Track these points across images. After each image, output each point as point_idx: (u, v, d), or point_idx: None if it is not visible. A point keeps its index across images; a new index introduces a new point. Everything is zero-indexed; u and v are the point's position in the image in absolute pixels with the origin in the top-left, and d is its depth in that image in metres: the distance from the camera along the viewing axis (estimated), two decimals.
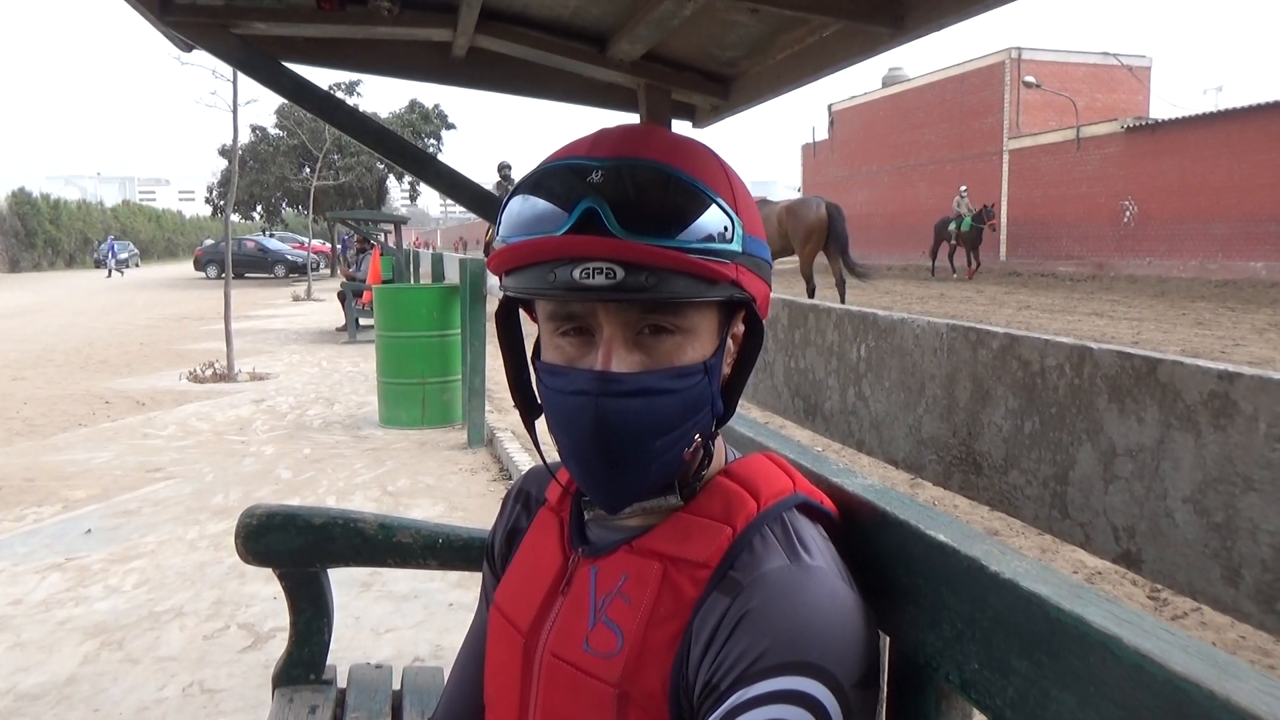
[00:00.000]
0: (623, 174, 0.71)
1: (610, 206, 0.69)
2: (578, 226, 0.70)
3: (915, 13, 1.36)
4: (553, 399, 0.77)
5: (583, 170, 0.72)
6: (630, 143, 0.74)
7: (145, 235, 58.13)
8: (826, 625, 0.71)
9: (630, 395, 0.73)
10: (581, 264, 0.69)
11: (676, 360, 0.75)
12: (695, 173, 0.73)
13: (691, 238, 0.71)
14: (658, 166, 0.71)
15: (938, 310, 13.99)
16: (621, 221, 0.69)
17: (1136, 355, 0.94)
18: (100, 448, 5.97)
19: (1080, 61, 28.41)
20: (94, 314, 17.43)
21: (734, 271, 0.74)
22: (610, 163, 0.71)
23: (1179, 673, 0.52)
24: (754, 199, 0.83)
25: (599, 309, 0.73)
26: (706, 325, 0.76)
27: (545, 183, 0.73)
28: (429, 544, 1.66)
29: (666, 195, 0.71)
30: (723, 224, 0.73)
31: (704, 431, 0.78)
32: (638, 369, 0.74)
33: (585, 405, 0.73)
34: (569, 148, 0.77)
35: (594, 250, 0.69)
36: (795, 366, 1.68)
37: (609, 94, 2.23)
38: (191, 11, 1.82)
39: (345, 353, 10.96)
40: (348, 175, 32.67)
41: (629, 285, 0.69)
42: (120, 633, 3.16)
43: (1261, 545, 0.80)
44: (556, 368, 0.77)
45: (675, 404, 0.74)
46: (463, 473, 5.29)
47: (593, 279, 0.69)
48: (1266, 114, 19.39)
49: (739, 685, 0.69)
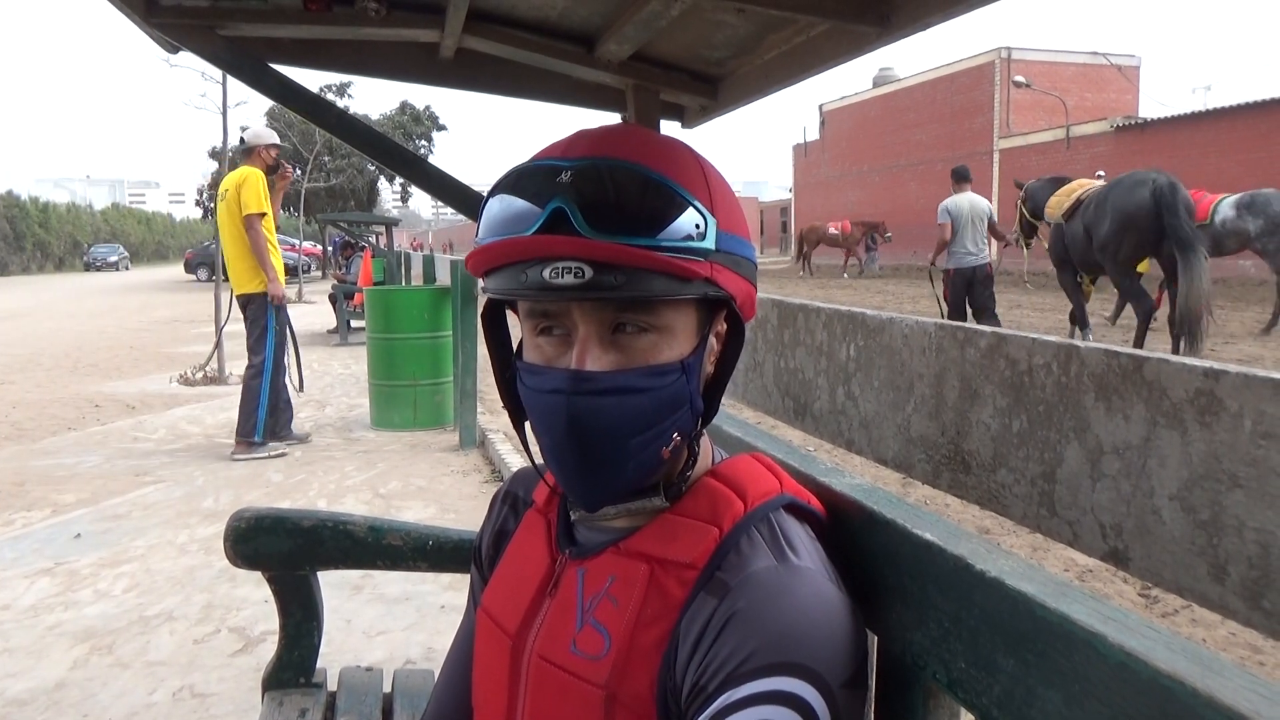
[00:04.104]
0: (592, 174, 0.71)
1: (578, 206, 0.70)
2: (547, 226, 0.70)
3: (902, 12, 1.36)
4: (531, 398, 0.77)
5: (554, 170, 0.72)
6: (605, 143, 0.74)
7: (135, 238, 57.92)
8: (813, 626, 0.71)
9: (603, 394, 0.73)
10: (551, 264, 0.70)
11: (652, 359, 0.75)
12: (667, 171, 0.73)
13: (662, 236, 0.71)
14: (627, 166, 0.71)
15: (929, 310, 14.02)
16: (590, 220, 0.69)
17: (1123, 353, 0.94)
18: (89, 451, 5.94)
19: (1070, 61, 28.56)
20: (83, 317, 17.36)
21: (708, 270, 0.74)
22: (581, 163, 0.72)
23: (1163, 670, 0.52)
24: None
25: (573, 308, 0.74)
26: (684, 324, 0.76)
27: (519, 184, 0.74)
28: (419, 546, 1.65)
29: (635, 194, 0.71)
30: (695, 222, 0.73)
31: (683, 431, 0.78)
32: (612, 368, 0.74)
33: (559, 404, 0.73)
34: (547, 149, 0.77)
35: (562, 250, 0.69)
36: (785, 366, 1.68)
37: (598, 94, 2.23)
38: (176, 13, 1.81)
39: (336, 355, 10.93)
40: (339, 177, 32.62)
41: (598, 284, 0.70)
42: (110, 637, 3.15)
43: (1247, 542, 0.80)
44: (535, 367, 0.77)
45: (651, 402, 0.74)
46: (454, 475, 5.28)
47: (562, 278, 0.70)
48: (1255, 113, 19.51)
49: (726, 686, 0.69)
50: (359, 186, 34.22)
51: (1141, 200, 7.58)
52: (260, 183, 5.70)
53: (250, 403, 5.68)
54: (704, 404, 0.81)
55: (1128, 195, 7.70)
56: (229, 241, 5.76)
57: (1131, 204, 7.66)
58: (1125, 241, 7.79)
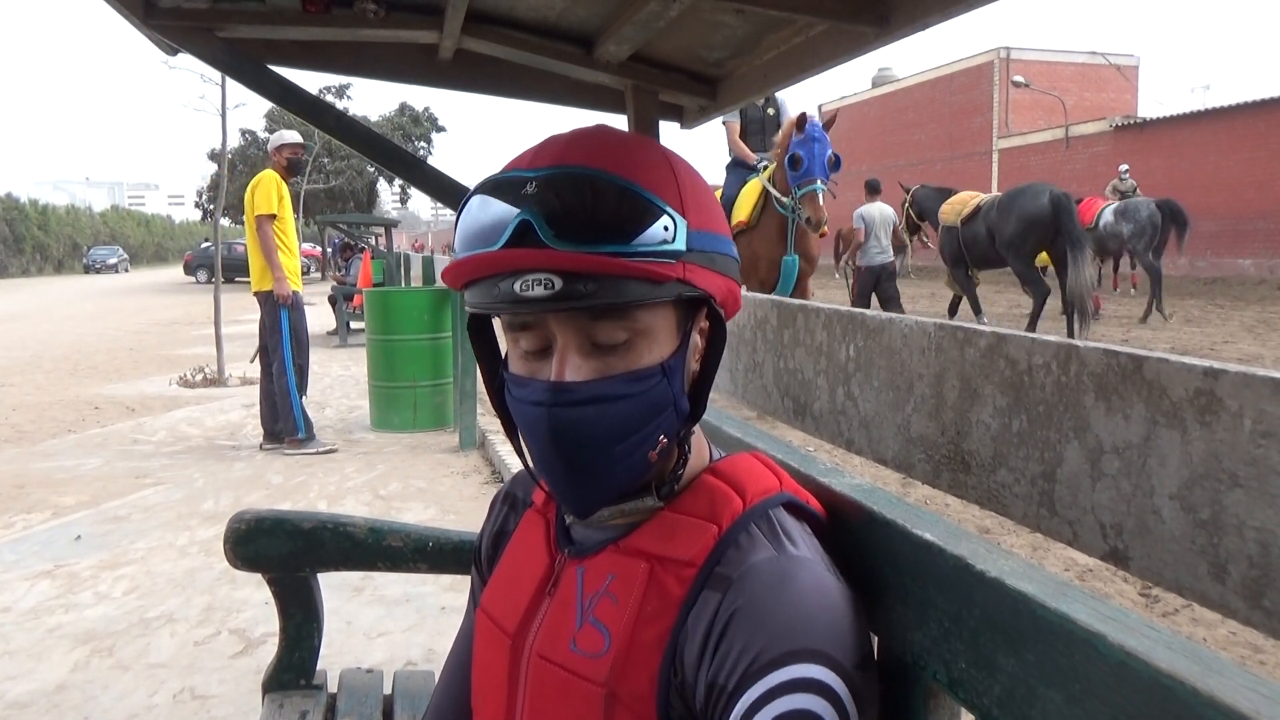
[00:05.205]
0: (556, 183, 0.71)
1: (543, 217, 0.70)
2: (514, 239, 0.70)
3: (900, 12, 1.36)
4: (516, 409, 0.78)
5: (520, 182, 0.72)
6: (571, 150, 0.74)
7: (135, 240, 57.94)
8: (818, 611, 0.72)
9: (583, 404, 0.73)
10: (521, 276, 0.70)
11: (633, 364, 0.74)
12: (634, 175, 0.72)
13: (629, 241, 0.71)
14: (590, 173, 0.71)
15: (929, 310, 14.03)
16: (555, 231, 0.69)
17: (1122, 353, 0.94)
18: (90, 454, 5.94)
19: (1068, 61, 28.57)
20: (83, 319, 17.36)
21: (680, 270, 0.73)
22: (545, 172, 0.71)
23: (1164, 669, 0.52)
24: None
25: (549, 318, 0.74)
26: (663, 325, 0.76)
27: (488, 196, 0.74)
28: (419, 548, 1.65)
29: (600, 201, 0.70)
30: (663, 224, 0.72)
31: (669, 433, 0.78)
32: (593, 375, 0.74)
33: (541, 416, 0.74)
34: (516, 158, 0.77)
35: (530, 262, 0.69)
36: (784, 366, 1.68)
37: (597, 95, 2.23)
38: (175, 15, 1.81)
39: (336, 356, 10.93)
40: (338, 179, 32.63)
41: (569, 294, 0.69)
42: (110, 639, 3.15)
43: (1248, 541, 0.80)
44: (519, 378, 0.77)
45: (633, 408, 0.74)
46: (454, 476, 5.28)
47: (532, 290, 0.69)
48: (1254, 112, 19.51)
49: (746, 684, 0.69)
50: (358, 188, 34.20)
51: (1042, 206, 9.45)
52: (274, 185, 5.80)
53: (283, 403, 5.83)
54: (690, 403, 0.80)
55: (1031, 202, 9.55)
56: (248, 242, 5.96)
57: (1034, 208, 9.51)
58: (1029, 239, 9.60)
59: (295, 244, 6.01)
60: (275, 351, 5.85)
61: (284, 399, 5.82)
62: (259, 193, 5.77)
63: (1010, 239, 9.65)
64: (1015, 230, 9.59)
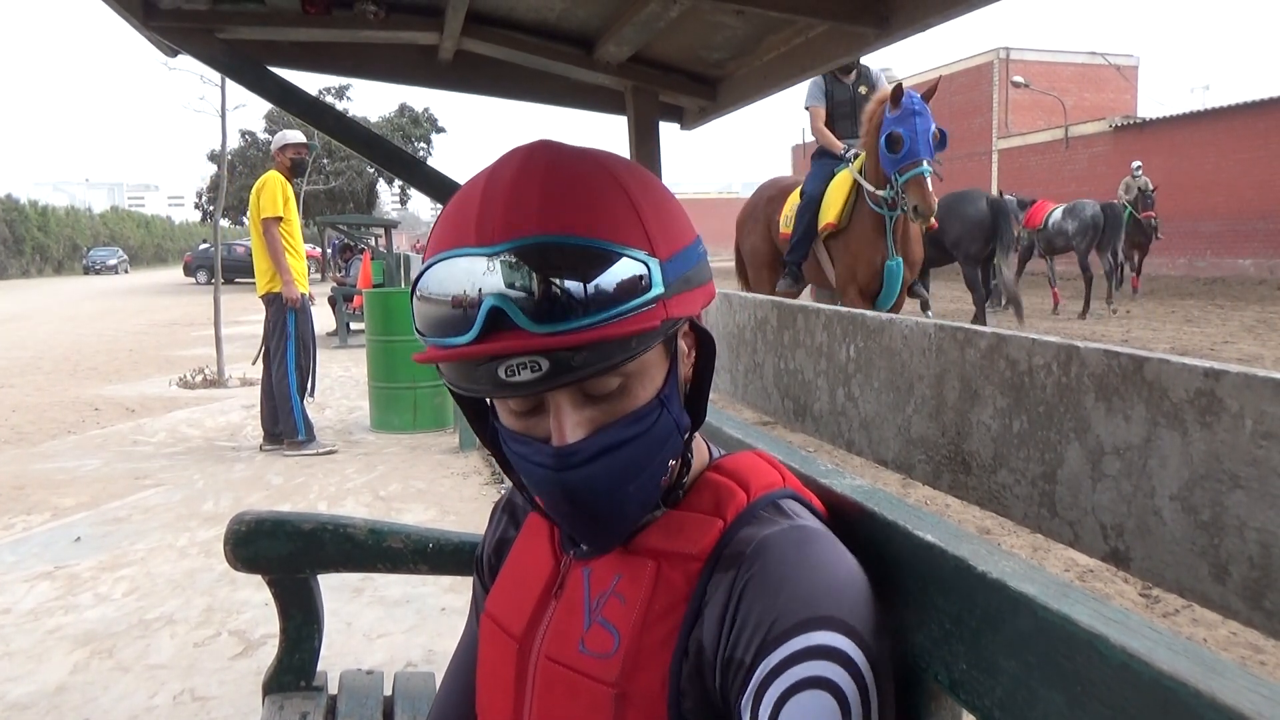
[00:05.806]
0: (522, 261, 0.66)
1: (516, 303, 0.65)
2: (487, 327, 0.66)
3: (900, 13, 1.36)
4: (518, 462, 0.76)
5: (476, 264, 0.67)
6: (520, 215, 0.67)
7: (134, 241, 57.87)
8: (834, 577, 0.72)
9: (592, 460, 0.72)
10: (504, 362, 0.66)
11: (630, 406, 0.73)
12: (595, 226, 0.68)
13: (609, 304, 0.66)
14: (553, 241, 0.66)
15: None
16: (532, 315, 0.65)
17: (1123, 354, 0.94)
18: (89, 455, 5.93)
19: (1068, 61, 28.56)
20: (83, 320, 17.35)
21: (663, 312, 0.70)
22: (503, 248, 0.66)
23: (1165, 671, 0.52)
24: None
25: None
26: (653, 359, 0.74)
27: (442, 281, 0.69)
28: (419, 549, 1.65)
29: (571, 272, 0.66)
30: (638, 274, 0.68)
31: (676, 454, 0.78)
32: (592, 428, 0.72)
33: (549, 478, 0.73)
34: (454, 229, 0.70)
35: (512, 349, 0.65)
36: (785, 367, 1.68)
37: (597, 96, 2.23)
38: (175, 16, 1.81)
39: (336, 357, 10.92)
40: (338, 180, 32.59)
41: (558, 372, 0.66)
42: (110, 641, 3.14)
43: (1249, 542, 0.80)
44: (516, 435, 0.75)
45: (640, 447, 0.73)
46: (455, 477, 5.27)
47: (519, 375, 0.66)
48: (1253, 112, 19.51)
49: (763, 654, 0.69)
50: (358, 189, 34.16)
51: (983, 210, 10.46)
52: (279, 187, 5.79)
53: (283, 405, 5.83)
54: (690, 413, 0.80)
55: (973, 206, 10.50)
56: (253, 244, 5.95)
57: (976, 212, 10.44)
58: (974, 240, 10.47)
59: (301, 245, 6.00)
60: (278, 354, 5.85)
61: (284, 401, 5.82)
62: (264, 195, 5.74)
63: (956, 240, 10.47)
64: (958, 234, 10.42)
